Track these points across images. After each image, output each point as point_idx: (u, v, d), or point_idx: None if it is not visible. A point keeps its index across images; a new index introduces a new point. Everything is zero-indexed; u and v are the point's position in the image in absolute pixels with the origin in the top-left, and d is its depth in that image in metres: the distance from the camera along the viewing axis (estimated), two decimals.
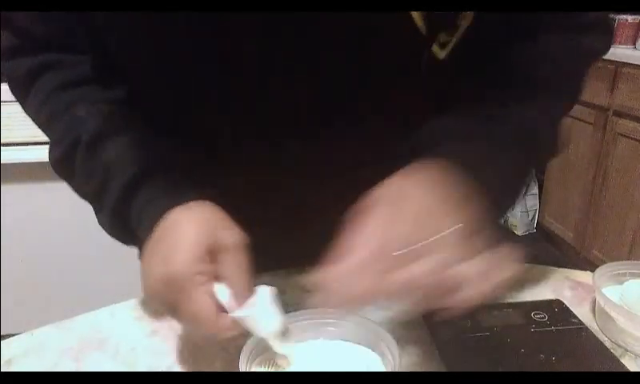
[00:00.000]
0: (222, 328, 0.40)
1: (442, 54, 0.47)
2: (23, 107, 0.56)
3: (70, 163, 0.51)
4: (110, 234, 0.51)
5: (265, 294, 0.42)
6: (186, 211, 0.44)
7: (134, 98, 0.52)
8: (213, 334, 0.41)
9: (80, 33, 0.51)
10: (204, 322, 0.40)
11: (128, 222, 0.47)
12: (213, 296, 0.40)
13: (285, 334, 0.43)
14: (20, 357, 0.48)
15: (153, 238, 0.43)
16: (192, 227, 0.42)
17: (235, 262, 0.42)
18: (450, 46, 0.47)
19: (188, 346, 0.50)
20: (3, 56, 0.54)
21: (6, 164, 1.47)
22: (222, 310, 0.41)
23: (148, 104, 0.52)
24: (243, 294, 0.41)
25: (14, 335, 0.51)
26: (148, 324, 0.53)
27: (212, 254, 0.41)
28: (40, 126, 0.55)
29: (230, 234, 0.42)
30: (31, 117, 0.55)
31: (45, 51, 0.52)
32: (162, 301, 0.41)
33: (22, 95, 0.55)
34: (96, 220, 0.52)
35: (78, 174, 0.51)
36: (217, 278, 0.41)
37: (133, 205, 0.47)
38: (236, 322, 0.41)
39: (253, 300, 0.42)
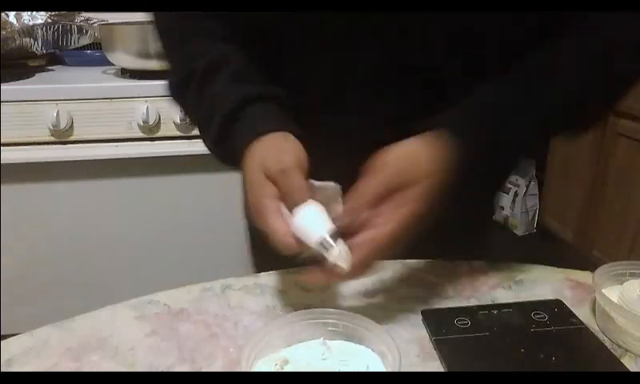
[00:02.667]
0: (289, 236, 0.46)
1: None
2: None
3: (183, 92, 0.60)
4: (216, 156, 0.59)
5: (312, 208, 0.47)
6: (259, 143, 0.51)
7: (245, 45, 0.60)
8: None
9: None
10: (275, 239, 0.46)
11: (229, 146, 0.55)
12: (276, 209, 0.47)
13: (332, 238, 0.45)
14: (20, 357, 0.48)
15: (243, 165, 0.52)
16: (252, 159, 0.50)
17: (285, 184, 0.47)
18: None
19: (188, 345, 0.50)
20: None
21: (5, 164, 1.47)
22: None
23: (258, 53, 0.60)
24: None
25: (14, 335, 0.51)
26: (148, 324, 0.53)
27: (271, 179, 0.48)
28: (160, 49, 0.65)
29: (273, 162, 0.48)
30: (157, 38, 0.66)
31: None
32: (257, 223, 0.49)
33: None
34: (95, 220, 0.55)
35: (189, 103, 0.61)
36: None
37: (230, 134, 0.55)
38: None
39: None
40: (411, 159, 0.47)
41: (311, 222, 0.46)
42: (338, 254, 0.45)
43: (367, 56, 0.55)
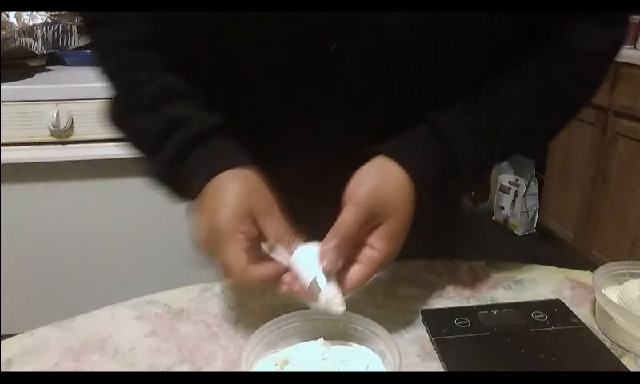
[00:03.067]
0: (249, 279, 0.45)
1: None
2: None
3: (126, 117, 0.56)
4: (157, 179, 0.55)
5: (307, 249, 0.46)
6: (232, 176, 0.49)
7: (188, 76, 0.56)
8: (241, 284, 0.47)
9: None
10: (233, 271, 0.45)
11: (179, 172, 0.52)
12: (248, 251, 0.45)
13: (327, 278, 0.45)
14: (20, 357, 0.48)
15: (204, 195, 0.49)
16: (234, 191, 0.48)
17: (274, 220, 0.47)
18: None
19: (188, 345, 0.50)
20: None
21: (5, 164, 1.47)
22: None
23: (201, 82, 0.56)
24: (290, 244, 0.46)
25: (14, 335, 0.51)
26: (148, 324, 0.53)
27: (252, 217, 0.47)
28: (101, 75, 0.59)
29: (262, 200, 0.48)
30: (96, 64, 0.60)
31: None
32: (204, 250, 0.48)
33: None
34: (95, 220, 0.54)
35: (136, 127, 0.56)
36: (262, 238, 0.47)
37: (189, 159, 0.51)
38: (264, 275, 0.46)
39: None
40: (377, 197, 0.47)
41: (306, 262, 0.45)
42: (329, 297, 0.44)
43: (358, 58, 0.53)
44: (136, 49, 0.57)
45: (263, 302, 0.57)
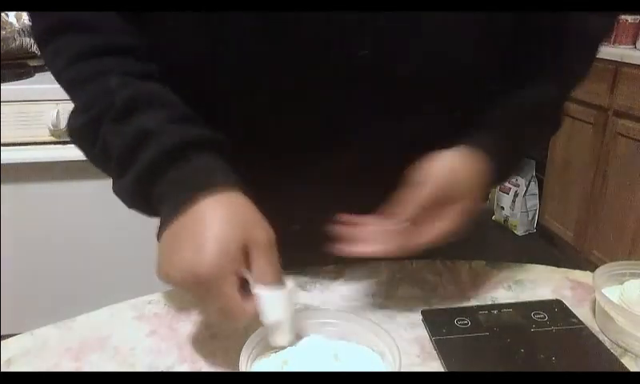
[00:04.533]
0: (249, 314, 0.42)
1: None
2: (46, 63, 0.54)
3: (94, 129, 0.48)
4: (126, 200, 0.49)
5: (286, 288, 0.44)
6: (217, 203, 0.43)
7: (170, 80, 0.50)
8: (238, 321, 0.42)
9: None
10: (233, 313, 0.41)
11: (150, 193, 0.46)
12: (237, 284, 0.41)
13: (286, 330, 0.44)
14: (20, 357, 0.48)
15: (179, 223, 0.42)
16: (224, 224, 0.41)
17: (267, 259, 0.43)
18: None
19: (188, 345, 0.50)
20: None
21: (5, 164, 1.47)
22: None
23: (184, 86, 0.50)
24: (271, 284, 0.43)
25: (14, 335, 0.51)
26: (148, 324, 0.53)
27: (245, 252, 0.42)
28: (62, 86, 0.52)
29: (262, 232, 0.43)
30: (53, 76, 0.53)
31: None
32: (186, 290, 0.42)
33: (41, 51, 0.54)
34: (95, 220, 0.52)
35: (102, 139, 0.48)
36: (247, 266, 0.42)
37: (161, 179, 0.45)
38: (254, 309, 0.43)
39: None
40: (452, 177, 0.50)
41: (273, 303, 0.43)
42: (282, 341, 0.44)
43: (387, 65, 0.50)
44: (111, 56, 0.50)
45: None
